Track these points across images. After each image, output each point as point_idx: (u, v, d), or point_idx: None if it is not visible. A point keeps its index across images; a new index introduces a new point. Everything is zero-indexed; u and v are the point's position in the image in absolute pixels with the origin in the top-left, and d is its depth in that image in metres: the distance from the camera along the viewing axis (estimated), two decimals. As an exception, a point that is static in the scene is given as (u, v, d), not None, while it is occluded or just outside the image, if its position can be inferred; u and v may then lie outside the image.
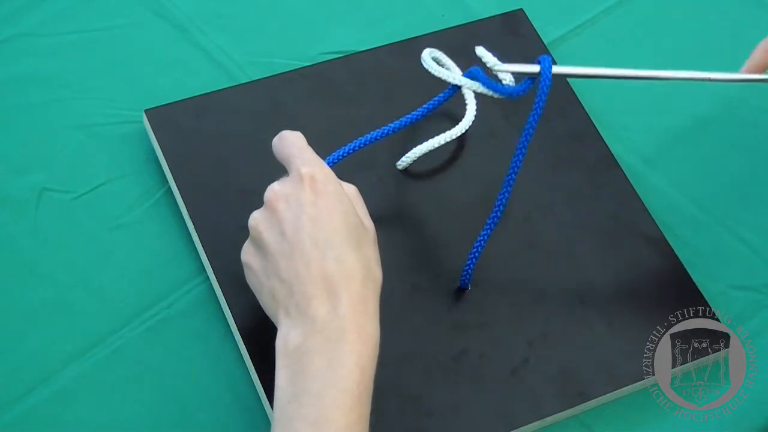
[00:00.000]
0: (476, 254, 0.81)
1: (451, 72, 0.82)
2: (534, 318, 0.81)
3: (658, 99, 0.96)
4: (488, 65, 0.77)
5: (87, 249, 0.83)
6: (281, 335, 0.69)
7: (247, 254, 0.74)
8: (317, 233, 0.69)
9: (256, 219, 0.72)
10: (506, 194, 0.79)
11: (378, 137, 0.83)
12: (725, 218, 0.90)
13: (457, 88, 0.81)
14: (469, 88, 0.80)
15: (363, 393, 0.67)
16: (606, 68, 0.77)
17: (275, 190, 0.72)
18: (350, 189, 0.75)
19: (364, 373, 0.67)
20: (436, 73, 0.81)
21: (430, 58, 0.82)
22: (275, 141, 0.75)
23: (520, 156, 0.78)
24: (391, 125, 0.83)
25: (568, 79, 0.93)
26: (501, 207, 0.79)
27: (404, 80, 0.91)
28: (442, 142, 0.86)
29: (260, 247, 0.72)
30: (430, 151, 0.87)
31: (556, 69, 0.76)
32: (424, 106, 0.85)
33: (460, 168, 0.87)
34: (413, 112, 0.84)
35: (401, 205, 0.86)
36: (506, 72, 0.77)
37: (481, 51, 0.77)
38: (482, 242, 0.80)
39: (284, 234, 0.70)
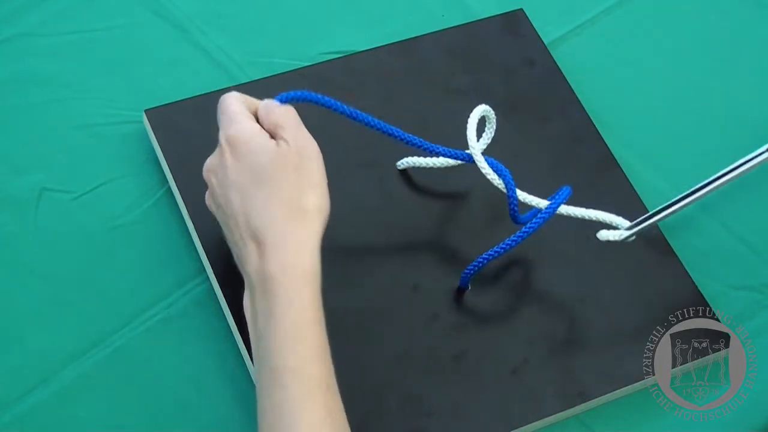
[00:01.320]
0: (484, 262, 0.80)
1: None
2: (534, 318, 0.81)
3: (659, 99, 0.96)
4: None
5: (87, 249, 0.83)
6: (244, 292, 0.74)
7: (207, 196, 0.78)
8: (241, 197, 0.73)
9: (208, 163, 0.77)
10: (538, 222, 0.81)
11: (379, 127, 0.82)
12: (725, 218, 0.90)
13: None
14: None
15: (305, 330, 0.70)
16: (677, 203, 0.79)
17: (207, 164, 0.77)
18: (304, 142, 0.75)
19: (307, 310, 0.70)
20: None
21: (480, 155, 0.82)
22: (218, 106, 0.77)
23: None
24: (398, 132, 0.82)
25: (568, 79, 0.93)
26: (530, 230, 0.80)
27: (404, 80, 0.91)
28: (444, 165, 0.86)
29: (212, 192, 0.77)
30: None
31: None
32: (435, 146, 0.83)
33: (459, 168, 0.87)
34: (423, 142, 0.83)
35: (401, 204, 0.86)
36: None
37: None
38: (495, 254, 0.80)
39: (219, 205, 0.75)
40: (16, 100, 0.89)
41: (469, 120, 0.81)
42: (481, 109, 0.82)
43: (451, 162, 0.85)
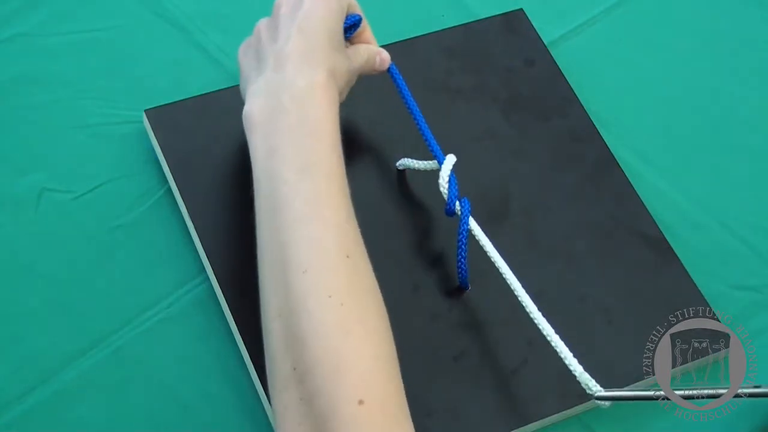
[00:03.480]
0: (462, 258, 0.80)
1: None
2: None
3: (659, 99, 0.96)
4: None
5: (87, 249, 0.83)
6: (248, 106, 0.74)
7: (244, 45, 0.81)
8: (304, 23, 0.76)
9: (260, 23, 0.80)
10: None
11: (421, 127, 0.85)
12: (725, 218, 0.90)
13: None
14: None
15: (336, 139, 0.73)
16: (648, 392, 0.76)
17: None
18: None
19: (334, 124, 0.73)
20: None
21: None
22: None
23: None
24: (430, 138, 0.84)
25: (568, 79, 0.93)
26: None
27: (404, 80, 0.91)
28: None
29: (257, 38, 0.79)
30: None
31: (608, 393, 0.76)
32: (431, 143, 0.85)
33: (460, 168, 0.87)
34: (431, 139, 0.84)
35: (401, 204, 0.86)
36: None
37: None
38: (463, 246, 0.80)
39: (278, 25, 0.77)
40: (16, 100, 0.89)
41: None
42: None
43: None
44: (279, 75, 0.74)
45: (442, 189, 0.82)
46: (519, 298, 0.77)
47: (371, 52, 0.84)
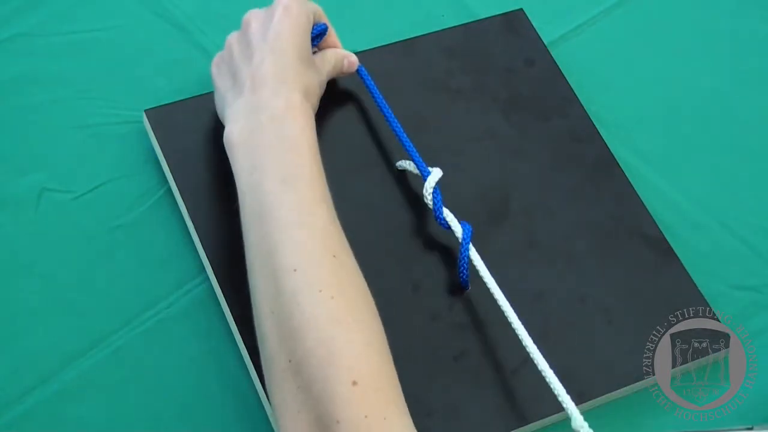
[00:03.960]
0: (465, 259, 0.81)
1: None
2: (534, 318, 0.81)
3: (659, 99, 0.96)
4: None
5: (87, 249, 0.83)
6: (228, 129, 0.78)
7: (217, 59, 0.84)
8: (276, 44, 0.80)
9: (231, 37, 0.83)
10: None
11: (396, 131, 0.86)
12: (725, 218, 0.90)
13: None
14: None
15: (315, 152, 0.76)
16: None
17: (253, 11, 0.83)
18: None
19: (311, 139, 0.76)
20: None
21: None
22: None
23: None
24: (407, 143, 0.85)
25: (568, 79, 0.93)
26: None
27: (404, 80, 0.91)
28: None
29: (230, 56, 0.82)
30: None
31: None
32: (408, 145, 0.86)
33: (460, 168, 0.87)
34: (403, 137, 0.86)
35: (401, 204, 0.86)
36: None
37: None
38: (466, 247, 0.81)
39: (250, 43, 0.81)
40: (16, 100, 0.89)
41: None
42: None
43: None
44: (255, 97, 0.77)
45: (426, 202, 0.83)
46: (512, 327, 0.78)
47: (338, 57, 0.87)
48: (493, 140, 0.90)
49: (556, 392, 0.75)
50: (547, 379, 0.75)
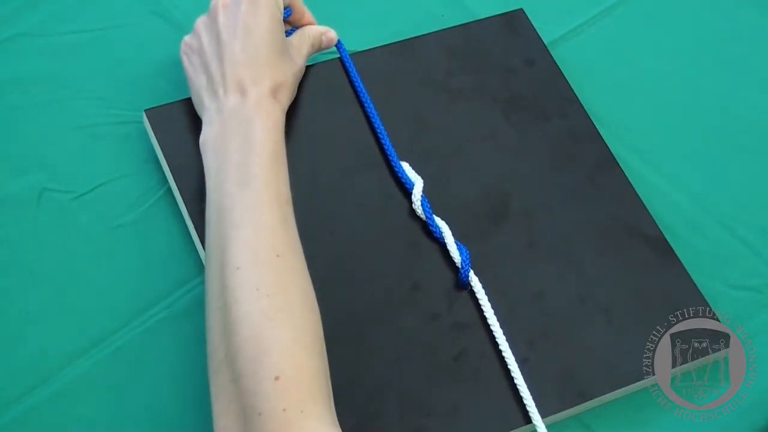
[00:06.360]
0: (466, 260, 0.81)
1: None
2: (534, 318, 0.81)
3: (659, 99, 0.96)
4: None
5: (87, 249, 0.83)
6: (204, 133, 0.81)
7: (185, 47, 0.85)
8: (247, 40, 0.81)
9: (199, 23, 0.84)
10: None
11: (376, 126, 0.86)
12: (725, 218, 0.90)
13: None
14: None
15: (277, 153, 0.78)
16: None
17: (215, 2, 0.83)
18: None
19: (275, 141, 0.79)
20: None
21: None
22: None
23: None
24: (384, 138, 0.86)
25: (568, 79, 0.93)
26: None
27: (404, 80, 0.91)
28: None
29: (200, 46, 0.83)
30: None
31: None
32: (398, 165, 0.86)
33: (459, 168, 0.87)
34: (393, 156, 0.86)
35: (401, 204, 0.86)
36: None
37: None
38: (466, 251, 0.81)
39: (220, 37, 0.82)
40: (16, 100, 0.89)
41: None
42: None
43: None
44: (229, 101, 0.80)
45: (417, 213, 0.83)
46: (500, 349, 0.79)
47: (315, 34, 0.89)
48: (493, 140, 0.90)
49: (526, 404, 0.77)
50: (521, 392, 0.77)
